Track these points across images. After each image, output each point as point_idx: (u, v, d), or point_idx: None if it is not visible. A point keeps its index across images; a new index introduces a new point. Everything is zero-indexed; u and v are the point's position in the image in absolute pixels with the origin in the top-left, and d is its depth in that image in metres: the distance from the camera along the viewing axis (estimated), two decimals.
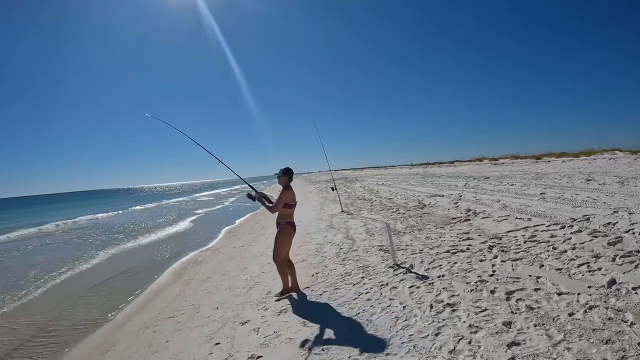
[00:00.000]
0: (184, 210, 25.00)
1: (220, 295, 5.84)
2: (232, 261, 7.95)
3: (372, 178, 34.02)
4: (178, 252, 10.12)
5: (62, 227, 20.65)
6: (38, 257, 11.52)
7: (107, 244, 13.00)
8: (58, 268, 9.51)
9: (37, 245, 13.98)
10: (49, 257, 11.22)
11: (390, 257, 5.96)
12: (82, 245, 13.35)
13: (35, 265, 10.22)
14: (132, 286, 7.30)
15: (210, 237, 12.32)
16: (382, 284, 4.84)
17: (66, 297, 6.98)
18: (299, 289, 5.09)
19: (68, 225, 21.24)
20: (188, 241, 11.98)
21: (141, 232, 15.47)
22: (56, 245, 13.65)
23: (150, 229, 16.24)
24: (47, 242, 14.65)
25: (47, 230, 19.31)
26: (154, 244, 12.21)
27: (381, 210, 11.40)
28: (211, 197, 41.19)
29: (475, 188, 14.27)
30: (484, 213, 8.51)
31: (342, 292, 4.89)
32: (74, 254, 11.73)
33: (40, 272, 9.23)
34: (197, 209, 25.95)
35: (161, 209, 29.07)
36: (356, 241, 7.66)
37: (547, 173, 17.87)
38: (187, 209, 26.16)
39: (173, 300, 5.99)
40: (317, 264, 6.44)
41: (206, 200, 36.76)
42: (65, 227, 20.23)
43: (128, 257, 10.33)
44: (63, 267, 9.62)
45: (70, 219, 23.24)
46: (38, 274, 9.14)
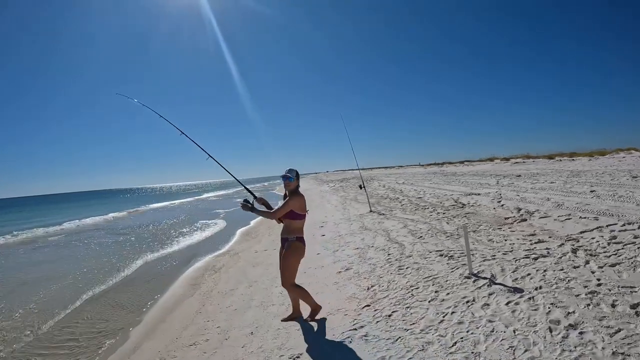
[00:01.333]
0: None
1: (252, 314, 4.63)
2: (257, 269, 6.75)
3: (387, 177, 33.27)
4: (190, 257, 8.89)
5: (70, 228, 19.21)
6: (30, 265, 10.24)
7: (108, 248, 11.74)
8: (47, 279, 8.26)
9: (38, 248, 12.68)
10: (37, 266, 9.97)
11: (459, 264, 5.15)
12: (82, 249, 12.09)
13: (26, 274, 8.96)
14: (140, 299, 6.05)
15: (223, 239, 11.03)
16: (468, 300, 3.94)
17: (56, 312, 5.72)
18: (317, 310, 4.17)
19: (79, 227, 19.77)
20: (199, 244, 10.68)
21: (146, 235, 14.15)
22: (49, 250, 12.35)
23: (158, 231, 14.87)
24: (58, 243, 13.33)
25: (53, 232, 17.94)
26: (160, 248, 10.90)
27: (416, 210, 10.45)
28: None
29: (511, 186, 13.42)
30: (539, 212, 7.82)
31: (418, 312, 3.88)
32: (70, 260, 10.49)
33: (26, 285, 7.98)
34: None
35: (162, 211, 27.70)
36: (404, 245, 6.68)
37: (582, 171, 16.98)
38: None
39: (192, 320, 4.77)
40: (367, 274, 5.42)
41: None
42: (73, 229, 18.85)
43: (134, 262, 9.04)
44: (54, 276, 8.38)
45: (75, 220, 21.84)
46: (26, 283, 7.89)
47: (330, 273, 5.71)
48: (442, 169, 37.46)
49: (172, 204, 33.28)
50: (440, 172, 32.64)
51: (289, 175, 3.89)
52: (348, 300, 4.53)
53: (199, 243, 11.15)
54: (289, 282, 3.87)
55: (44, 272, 8.71)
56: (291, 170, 3.91)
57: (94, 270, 8.45)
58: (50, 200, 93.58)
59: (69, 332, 5.16)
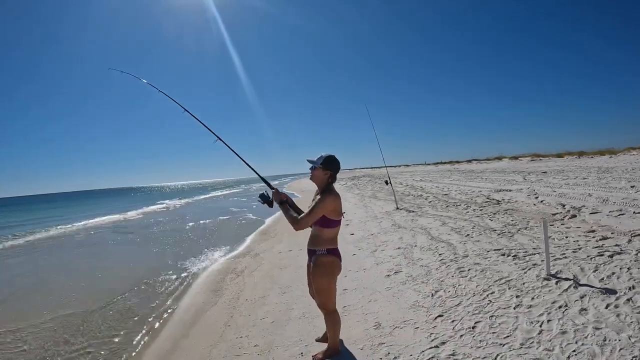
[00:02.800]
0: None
1: (295, 328, 3.87)
2: (286, 272, 6.01)
3: (401, 175, 32.58)
4: (203, 257, 8.04)
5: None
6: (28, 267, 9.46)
7: (118, 246, 10.94)
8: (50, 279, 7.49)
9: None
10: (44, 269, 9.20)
11: (529, 264, 4.58)
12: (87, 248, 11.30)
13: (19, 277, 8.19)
14: (154, 307, 5.24)
15: (236, 238, 10.20)
16: (560, 305, 3.42)
17: (63, 324, 4.95)
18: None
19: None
20: (210, 242, 9.85)
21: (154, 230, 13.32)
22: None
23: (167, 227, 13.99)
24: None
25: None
26: (168, 245, 10.07)
27: (447, 207, 9.84)
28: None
29: (541, 183, 12.93)
30: (586, 208, 7.43)
31: (507, 322, 3.27)
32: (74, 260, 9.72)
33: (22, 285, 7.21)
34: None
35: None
36: (453, 244, 6.06)
37: (609, 167, 16.56)
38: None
39: (221, 335, 4.00)
40: (423, 277, 4.78)
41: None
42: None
43: (142, 261, 8.25)
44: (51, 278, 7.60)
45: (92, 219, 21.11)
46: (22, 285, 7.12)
47: (377, 277, 4.98)
48: (455, 167, 36.82)
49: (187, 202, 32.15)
50: (454, 169, 32.04)
51: (312, 162, 2.89)
52: (412, 309, 3.84)
53: (207, 237, 10.25)
54: (328, 306, 2.92)
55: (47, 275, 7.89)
56: (320, 157, 2.87)
57: (96, 274, 7.64)
58: (54, 199, 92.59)
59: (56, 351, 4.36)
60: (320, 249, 2.87)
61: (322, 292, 2.88)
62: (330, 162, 2.89)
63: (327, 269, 2.85)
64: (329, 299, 2.90)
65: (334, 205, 2.79)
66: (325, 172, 2.88)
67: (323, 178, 2.89)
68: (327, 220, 2.80)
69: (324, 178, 2.89)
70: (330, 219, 2.81)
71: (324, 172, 2.88)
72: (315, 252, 2.88)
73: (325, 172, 2.88)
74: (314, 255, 2.90)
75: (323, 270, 2.84)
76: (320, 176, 2.89)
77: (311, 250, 2.94)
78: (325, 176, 2.89)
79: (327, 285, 2.87)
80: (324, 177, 2.89)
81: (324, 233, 2.85)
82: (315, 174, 2.91)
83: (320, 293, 2.89)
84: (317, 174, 2.90)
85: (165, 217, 19.64)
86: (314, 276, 2.89)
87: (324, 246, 2.86)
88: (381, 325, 3.61)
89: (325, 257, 2.85)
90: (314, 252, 2.90)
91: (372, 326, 3.62)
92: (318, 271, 2.85)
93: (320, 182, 2.91)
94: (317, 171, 2.89)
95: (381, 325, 3.59)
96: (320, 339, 3.45)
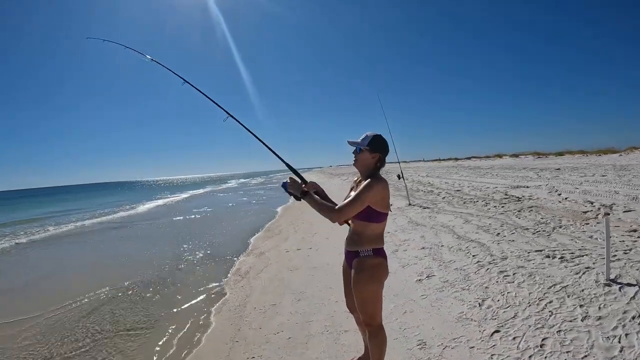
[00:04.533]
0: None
1: (318, 347, 3.28)
2: (298, 275, 5.41)
3: (405, 171, 31.71)
4: (200, 255, 7.38)
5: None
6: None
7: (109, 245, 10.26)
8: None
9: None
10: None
11: (581, 268, 4.11)
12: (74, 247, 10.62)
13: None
14: (149, 317, 4.58)
15: (239, 236, 9.54)
16: (632, 316, 3.00)
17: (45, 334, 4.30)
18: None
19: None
20: (208, 241, 9.18)
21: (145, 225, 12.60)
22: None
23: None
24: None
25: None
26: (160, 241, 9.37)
27: (464, 203, 9.35)
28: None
29: (558, 179, 12.55)
30: (617, 206, 7.06)
31: (579, 338, 2.79)
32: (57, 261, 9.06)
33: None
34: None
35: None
36: (485, 244, 5.57)
37: (624, 165, 16.16)
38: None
39: (228, 355, 3.35)
40: (462, 283, 4.26)
41: None
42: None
43: (133, 263, 7.58)
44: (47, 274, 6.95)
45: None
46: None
47: (407, 282, 4.43)
48: (458, 163, 36.27)
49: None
50: (458, 166, 31.54)
51: (356, 144, 2.37)
52: (460, 322, 3.32)
53: (205, 235, 9.52)
54: (375, 320, 2.36)
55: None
56: (365, 136, 2.36)
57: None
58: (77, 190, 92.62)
59: None
60: (365, 249, 2.32)
61: (368, 303, 2.33)
62: (380, 143, 2.37)
63: (374, 274, 2.31)
64: (377, 311, 2.36)
65: (382, 194, 2.25)
66: (373, 155, 2.35)
67: (370, 162, 2.36)
68: (374, 212, 2.26)
69: (371, 162, 2.36)
70: (378, 212, 2.27)
71: (371, 155, 2.35)
72: (359, 253, 2.34)
73: (373, 155, 2.35)
74: (357, 257, 2.35)
75: (370, 275, 2.30)
76: (367, 160, 2.36)
77: (352, 252, 2.39)
78: (374, 160, 2.36)
79: (374, 294, 2.33)
80: (371, 161, 2.36)
81: (370, 229, 2.30)
82: (360, 158, 2.37)
83: (366, 304, 2.33)
84: (364, 158, 2.36)
85: (167, 210, 18.93)
86: (358, 284, 2.33)
87: (369, 245, 2.32)
88: (427, 344, 3.04)
89: (372, 259, 2.31)
90: (356, 253, 2.35)
91: (415, 345, 3.04)
92: (364, 277, 2.30)
93: (367, 167, 2.37)
94: (363, 154, 2.36)
95: (427, 345, 3.03)
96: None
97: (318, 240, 7.56)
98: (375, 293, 2.31)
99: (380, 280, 2.33)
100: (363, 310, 2.34)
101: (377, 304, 2.33)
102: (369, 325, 2.36)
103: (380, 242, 2.35)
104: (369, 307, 2.32)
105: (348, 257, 2.44)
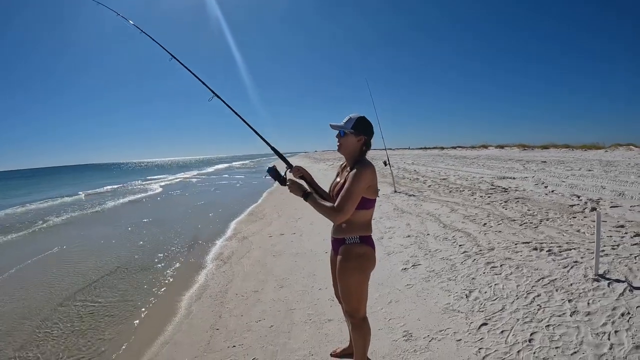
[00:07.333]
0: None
1: (301, 336, 3.24)
2: (281, 260, 5.33)
3: (390, 158, 31.72)
4: (181, 240, 7.22)
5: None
6: None
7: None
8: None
9: None
10: None
11: (569, 262, 4.11)
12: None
13: None
14: (127, 302, 4.44)
15: (222, 219, 9.38)
16: (622, 312, 2.97)
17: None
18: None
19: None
20: (189, 224, 9.00)
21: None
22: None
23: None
24: None
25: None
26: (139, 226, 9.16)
27: (450, 192, 9.39)
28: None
29: (544, 172, 12.69)
30: (604, 201, 7.17)
31: (568, 334, 2.77)
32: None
33: None
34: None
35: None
36: (471, 234, 5.56)
37: (611, 161, 16.39)
38: None
39: (208, 343, 3.26)
40: (449, 273, 4.23)
41: None
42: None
43: (111, 245, 7.38)
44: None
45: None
46: None
47: (392, 270, 4.38)
48: (444, 152, 36.54)
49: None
50: (444, 154, 31.77)
51: (341, 125, 2.24)
52: (446, 314, 3.27)
53: (186, 219, 9.32)
54: (359, 312, 2.27)
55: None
56: (349, 119, 2.23)
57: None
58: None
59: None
60: (351, 236, 2.21)
61: (352, 294, 2.23)
62: (365, 124, 2.24)
63: (360, 263, 2.20)
64: (360, 303, 2.26)
65: (371, 180, 2.15)
66: (358, 138, 2.23)
67: (356, 146, 2.24)
68: (362, 200, 2.14)
69: (357, 146, 2.24)
70: (366, 199, 2.16)
71: (357, 139, 2.23)
72: (345, 240, 2.23)
73: (358, 138, 2.23)
74: (343, 244, 2.24)
75: (355, 264, 2.19)
76: (353, 144, 2.24)
77: (338, 239, 2.28)
78: (359, 143, 2.24)
79: (359, 284, 2.22)
80: (357, 145, 2.24)
81: (358, 216, 2.18)
82: (345, 142, 2.24)
83: (350, 295, 2.24)
84: (349, 142, 2.24)
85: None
86: (342, 272, 2.23)
87: (356, 233, 2.21)
88: (413, 335, 2.98)
89: (359, 247, 2.20)
90: (342, 240, 2.25)
91: (401, 337, 2.98)
92: (349, 266, 2.20)
93: (352, 151, 2.25)
94: (347, 138, 2.23)
95: (413, 336, 2.97)
96: (338, 354, 2.79)
97: (302, 225, 7.47)
98: (360, 284, 2.22)
99: (366, 271, 2.23)
100: (346, 300, 2.25)
101: (361, 296, 2.24)
102: (352, 317, 2.27)
103: (368, 229, 2.25)
104: (353, 298, 2.23)
105: (334, 244, 2.34)
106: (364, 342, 2.33)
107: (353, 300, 2.23)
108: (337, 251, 2.28)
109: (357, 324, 2.28)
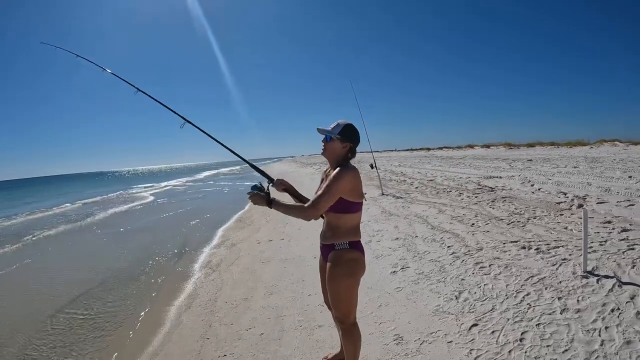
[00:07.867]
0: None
1: (292, 343, 3.22)
2: (270, 267, 5.29)
3: (377, 160, 31.96)
4: (170, 249, 7.12)
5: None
6: None
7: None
8: None
9: None
10: None
11: (557, 259, 4.12)
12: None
13: None
14: (116, 314, 4.36)
15: (210, 226, 9.29)
16: (612, 308, 2.99)
17: None
18: None
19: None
20: (179, 233, 8.89)
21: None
22: None
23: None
24: None
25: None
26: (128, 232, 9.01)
27: (438, 193, 9.46)
28: None
29: (530, 170, 12.81)
30: (590, 197, 7.24)
31: (559, 332, 2.79)
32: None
33: None
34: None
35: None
36: (460, 235, 5.56)
37: (596, 157, 16.70)
38: None
39: (199, 354, 3.21)
40: (438, 274, 4.22)
41: None
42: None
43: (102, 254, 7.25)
44: None
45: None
46: None
47: (382, 274, 4.38)
48: (431, 153, 36.84)
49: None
50: (431, 155, 32.05)
51: (328, 130, 2.24)
52: (437, 316, 3.27)
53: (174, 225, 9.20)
54: (349, 318, 2.25)
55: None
56: (337, 124, 2.24)
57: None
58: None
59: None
60: (340, 242, 2.20)
61: (342, 299, 2.20)
62: (352, 132, 2.25)
63: (350, 269, 2.18)
64: (350, 309, 2.24)
65: (353, 183, 2.14)
66: (344, 144, 2.23)
67: (341, 152, 2.25)
68: (346, 203, 2.14)
69: (341, 152, 2.25)
70: (350, 202, 2.15)
71: (342, 145, 2.23)
72: (334, 246, 2.21)
73: (344, 144, 2.23)
74: (333, 250, 2.22)
75: (346, 270, 2.17)
76: (338, 150, 2.24)
77: (327, 245, 2.26)
78: (344, 150, 2.25)
79: (349, 289, 2.20)
80: (342, 151, 2.24)
81: (344, 221, 2.18)
82: (330, 147, 2.25)
83: (340, 300, 2.21)
84: (334, 147, 2.24)
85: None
86: (332, 278, 2.20)
87: (345, 238, 2.20)
88: (404, 339, 2.97)
89: (349, 253, 2.19)
90: (332, 246, 2.23)
91: (392, 340, 2.97)
92: (339, 272, 2.17)
93: (336, 157, 2.25)
94: (333, 143, 2.24)
95: (404, 340, 2.96)
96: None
97: (290, 231, 7.43)
98: (350, 289, 2.20)
99: (356, 277, 2.21)
100: (336, 306, 2.23)
101: (351, 301, 2.22)
102: (342, 323, 2.25)
103: (357, 234, 2.24)
104: (343, 303, 2.21)
105: (324, 251, 2.32)
106: (355, 348, 2.31)
107: (343, 306, 2.21)
108: (327, 257, 2.26)
109: (347, 329, 2.27)
